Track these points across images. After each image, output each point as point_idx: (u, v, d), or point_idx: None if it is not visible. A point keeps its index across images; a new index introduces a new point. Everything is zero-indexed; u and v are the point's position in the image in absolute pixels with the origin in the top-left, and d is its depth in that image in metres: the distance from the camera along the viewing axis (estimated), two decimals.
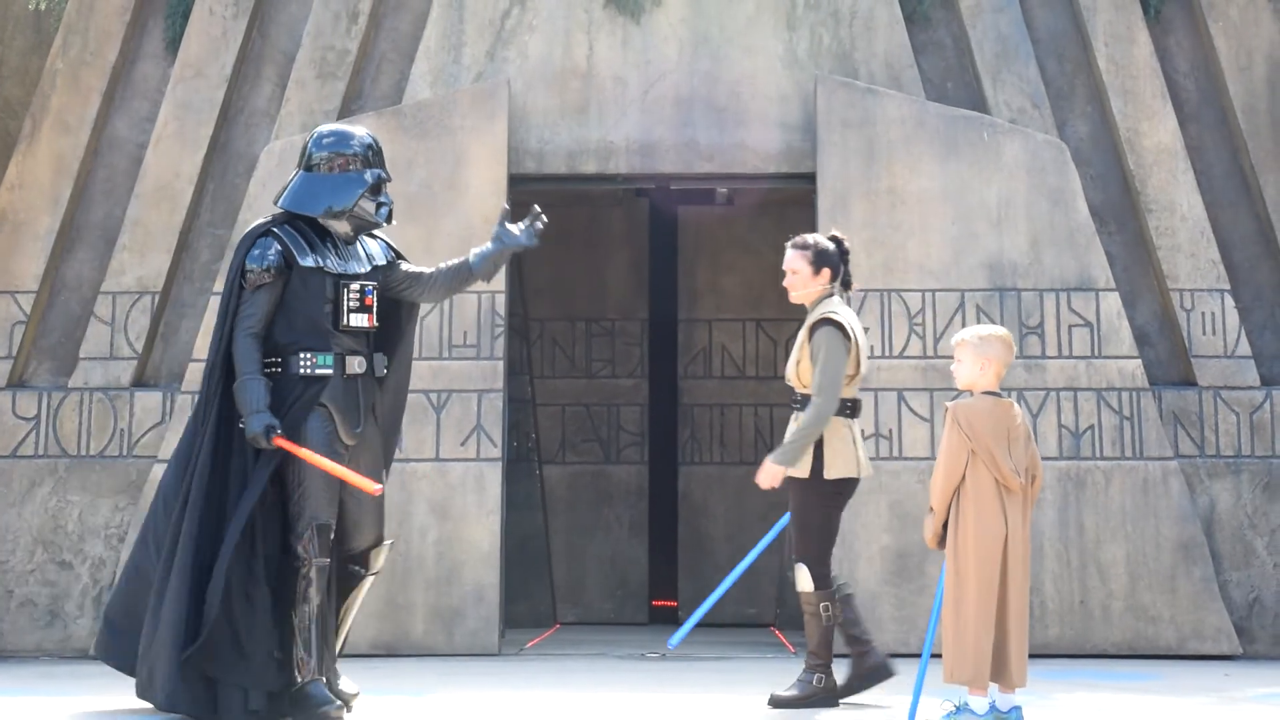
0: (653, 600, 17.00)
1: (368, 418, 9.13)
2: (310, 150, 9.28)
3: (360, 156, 9.23)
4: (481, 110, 13.71)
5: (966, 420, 8.59)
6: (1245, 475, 13.49)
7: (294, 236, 9.05)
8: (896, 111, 13.67)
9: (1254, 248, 14.26)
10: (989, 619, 8.45)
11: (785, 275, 10.14)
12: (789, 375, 9.99)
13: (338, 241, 9.21)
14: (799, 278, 10.06)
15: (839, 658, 10.06)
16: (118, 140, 14.53)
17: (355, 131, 9.38)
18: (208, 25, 14.40)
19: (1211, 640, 12.97)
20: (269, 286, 8.92)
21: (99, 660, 9.57)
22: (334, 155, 9.21)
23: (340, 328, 9.04)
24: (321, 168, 9.20)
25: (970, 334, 8.84)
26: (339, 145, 9.25)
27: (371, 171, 9.21)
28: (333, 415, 8.92)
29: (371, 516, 9.14)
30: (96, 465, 13.61)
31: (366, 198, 9.20)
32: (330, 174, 9.19)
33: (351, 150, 9.23)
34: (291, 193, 9.22)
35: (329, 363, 8.95)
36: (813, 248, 10.09)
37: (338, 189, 9.16)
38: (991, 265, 13.40)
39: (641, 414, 17.23)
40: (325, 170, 9.20)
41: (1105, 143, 14.33)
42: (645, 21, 14.10)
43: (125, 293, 13.93)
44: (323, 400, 8.91)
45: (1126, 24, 14.29)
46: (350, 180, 9.17)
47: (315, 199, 9.15)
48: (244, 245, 9.04)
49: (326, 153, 9.22)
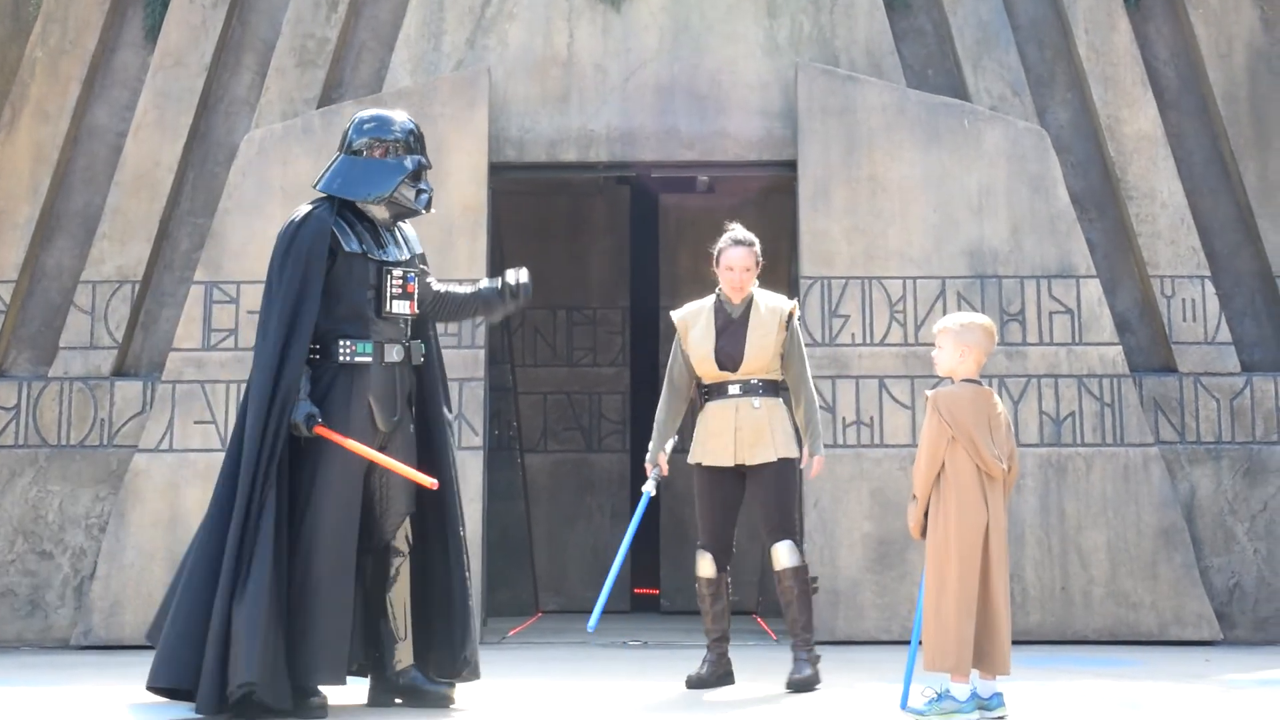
0: (635, 588, 17.00)
1: (404, 406, 9.09)
2: (351, 135, 9.20)
3: (402, 142, 9.15)
4: (462, 98, 13.69)
5: (947, 408, 8.60)
6: (1225, 461, 13.52)
7: (338, 221, 8.99)
8: (877, 99, 13.67)
9: (1234, 234, 14.28)
10: (970, 606, 8.45)
11: (735, 273, 10.19)
12: (760, 363, 10.09)
13: (378, 227, 9.16)
14: (750, 275, 10.24)
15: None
16: (97, 129, 14.50)
17: (396, 117, 9.29)
18: (187, 13, 14.37)
19: (1192, 626, 13.00)
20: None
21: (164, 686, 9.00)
22: (375, 140, 9.14)
23: (382, 315, 8.97)
24: (363, 153, 9.13)
25: (952, 321, 8.85)
26: (380, 130, 9.18)
27: (412, 158, 9.16)
28: (370, 404, 8.88)
29: (401, 500, 9.05)
30: (77, 455, 13.59)
31: (407, 184, 9.13)
32: (371, 159, 9.12)
33: (393, 136, 9.15)
34: (332, 176, 9.15)
35: (369, 350, 8.87)
36: (756, 244, 10.34)
37: (378, 174, 9.09)
38: (972, 252, 13.41)
39: (623, 402, 17.23)
40: (366, 155, 9.13)
41: (1086, 130, 14.35)
42: (625, 9, 14.08)
43: (105, 282, 13.90)
44: (361, 388, 8.86)
45: (1107, 11, 14.30)
46: (391, 166, 9.11)
47: (356, 184, 9.07)
48: (291, 230, 8.95)
49: (367, 138, 9.13)
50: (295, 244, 8.88)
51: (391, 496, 8.91)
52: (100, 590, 13.05)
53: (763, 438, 10.05)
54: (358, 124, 9.25)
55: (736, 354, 10.10)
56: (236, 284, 13.44)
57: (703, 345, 10.16)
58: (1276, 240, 14.05)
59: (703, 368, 10.16)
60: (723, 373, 10.12)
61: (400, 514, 8.94)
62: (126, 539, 13.09)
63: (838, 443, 13.09)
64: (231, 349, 13.36)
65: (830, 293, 13.31)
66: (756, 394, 10.06)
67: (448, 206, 13.34)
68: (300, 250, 8.85)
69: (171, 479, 13.15)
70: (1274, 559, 13.44)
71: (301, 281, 8.79)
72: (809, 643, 10.01)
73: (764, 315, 10.12)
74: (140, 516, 13.11)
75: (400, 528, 8.94)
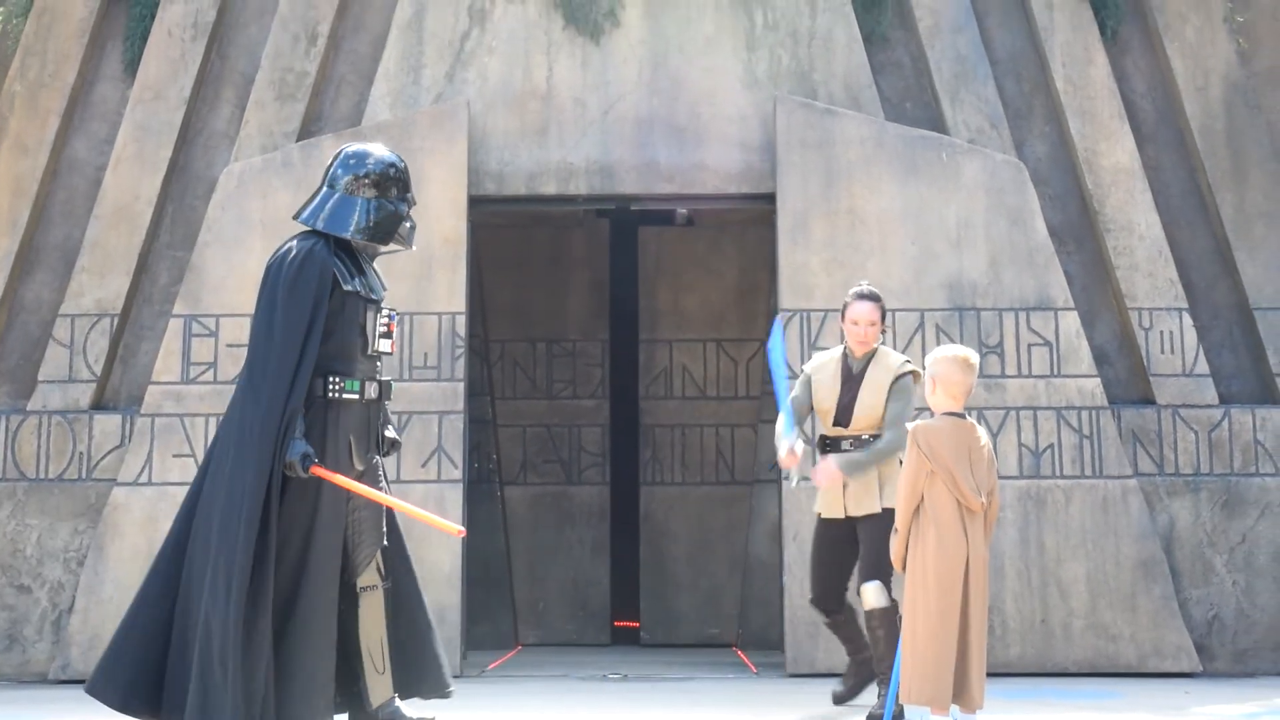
0: (615, 621, 16.98)
1: (375, 443, 9.05)
2: (336, 169, 9.08)
3: (384, 177, 9.07)
4: (441, 132, 13.71)
5: (925, 441, 8.63)
6: (1204, 493, 13.55)
7: (336, 258, 8.92)
8: (856, 131, 13.70)
9: (1211, 267, 14.33)
10: (949, 639, 8.47)
11: (860, 327, 10.59)
12: (870, 421, 10.43)
13: (361, 263, 9.07)
14: (875, 329, 10.66)
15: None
16: (76, 162, 14.50)
17: (380, 152, 9.20)
18: (166, 47, 14.38)
19: (1172, 658, 13.00)
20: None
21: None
22: (359, 176, 9.09)
23: (367, 353, 8.93)
24: (349, 188, 9.02)
25: (939, 354, 8.91)
26: (362, 165, 9.10)
27: (399, 198, 9.09)
28: (350, 441, 8.80)
29: (374, 533, 8.98)
30: (55, 488, 13.55)
31: (391, 220, 9.07)
32: (356, 195, 9.02)
33: (379, 172, 9.09)
34: (315, 211, 9.03)
35: (355, 388, 8.78)
36: (880, 299, 10.77)
37: (365, 210, 9.00)
38: (951, 285, 13.44)
39: (603, 434, 17.21)
40: (350, 191, 9.02)
41: (1063, 163, 14.40)
42: (604, 43, 14.12)
43: (84, 315, 13.88)
44: (344, 426, 8.78)
45: (1084, 45, 14.37)
46: (379, 203, 9.01)
47: (342, 219, 8.97)
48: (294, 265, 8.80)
49: (352, 174, 9.06)
50: (301, 280, 8.72)
51: (363, 530, 8.85)
52: (79, 624, 13.00)
53: (871, 490, 10.36)
54: (343, 159, 9.13)
55: (850, 411, 10.48)
56: (215, 317, 13.42)
57: (828, 399, 10.59)
58: (1254, 272, 14.10)
59: (824, 420, 10.60)
60: (837, 428, 10.52)
61: (373, 546, 8.87)
62: (105, 573, 13.05)
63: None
64: (210, 382, 13.34)
65: (809, 325, 13.32)
66: (840, 450, 10.45)
67: (427, 239, 13.33)
68: (307, 288, 8.70)
69: (150, 512, 13.11)
70: (1253, 591, 13.47)
71: (308, 320, 8.69)
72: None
73: (878, 375, 10.48)
74: (119, 550, 13.08)
75: (373, 560, 8.89)
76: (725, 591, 16.69)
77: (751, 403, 16.85)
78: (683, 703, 11.35)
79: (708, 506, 16.74)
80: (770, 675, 13.26)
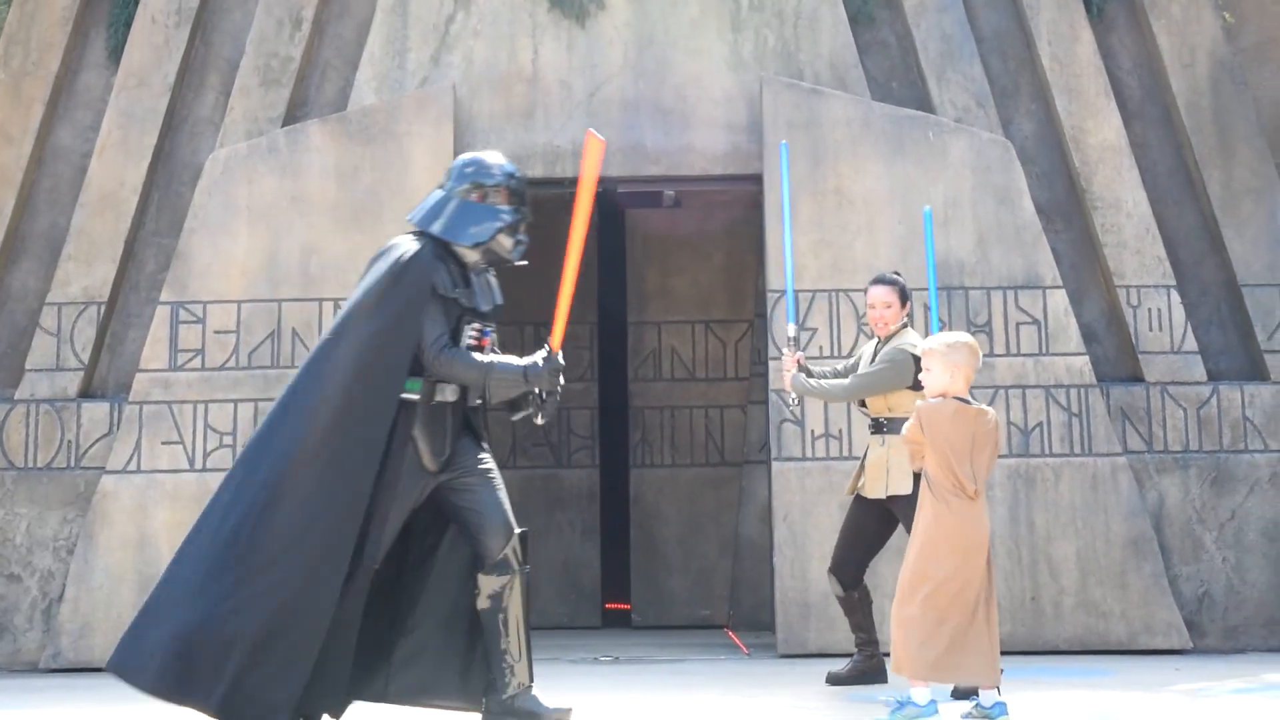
0: (605, 604, 16.97)
1: (459, 440, 8.85)
2: (455, 174, 8.98)
3: (503, 188, 8.96)
4: (426, 115, 13.68)
5: (928, 420, 8.70)
6: (1193, 470, 13.56)
7: (442, 263, 8.78)
8: (842, 112, 13.69)
9: (1199, 244, 14.34)
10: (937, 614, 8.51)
11: (876, 310, 10.92)
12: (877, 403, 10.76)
13: (467, 271, 8.94)
14: (892, 311, 10.89)
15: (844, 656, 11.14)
16: (61, 150, 14.46)
17: (498, 161, 9.09)
18: (150, 34, 14.33)
19: (1162, 635, 13.03)
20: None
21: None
22: (475, 184, 8.93)
23: None
24: (465, 195, 8.92)
25: (937, 342, 8.92)
26: (481, 174, 8.95)
27: (512, 210, 8.93)
28: (416, 440, 8.64)
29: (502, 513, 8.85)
30: (44, 477, 13.53)
31: (505, 233, 9.04)
32: (470, 202, 8.90)
33: (493, 181, 8.93)
34: (434, 214, 8.90)
35: (415, 387, 8.61)
36: (899, 282, 11.01)
37: (477, 219, 8.92)
38: (939, 264, 13.40)
39: (592, 417, 17.20)
40: (465, 197, 8.91)
41: (1050, 141, 14.40)
42: (589, 25, 14.10)
43: (71, 303, 13.85)
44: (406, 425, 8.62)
45: (1069, 22, 14.36)
46: (489, 212, 8.94)
47: (455, 226, 8.83)
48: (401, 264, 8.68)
49: (470, 182, 8.91)
50: (405, 279, 8.63)
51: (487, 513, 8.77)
52: (69, 613, 12.99)
53: (880, 474, 10.61)
54: (462, 164, 9.03)
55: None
56: (203, 304, 13.40)
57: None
58: (1241, 249, 14.11)
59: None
60: (863, 407, 10.91)
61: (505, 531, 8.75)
62: (95, 561, 13.04)
63: (807, 455, 13.10)
64: (198, 369, 13.32)
65: (799, 306, 13.32)
66: (883, 431, 10.64)
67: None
68: (406, 289, 8.62)
69: (139, 500, 13.10)
70: (1242, 567, 13.49)
71: (400, 317, 8.59)
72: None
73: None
74: (108, 538, 13.06)
75: (508, 545, 8.72)
76: (716, 573, 16.70)
77: (740, 384, 16.85)
78: (674, 684, 11.35)
79: (698, 488, 16.74)
80: (762, 656, 13.27)
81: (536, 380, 8.75)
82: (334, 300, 13.34)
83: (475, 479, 8.80)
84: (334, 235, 13.53)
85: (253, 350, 13.37)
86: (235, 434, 13.21)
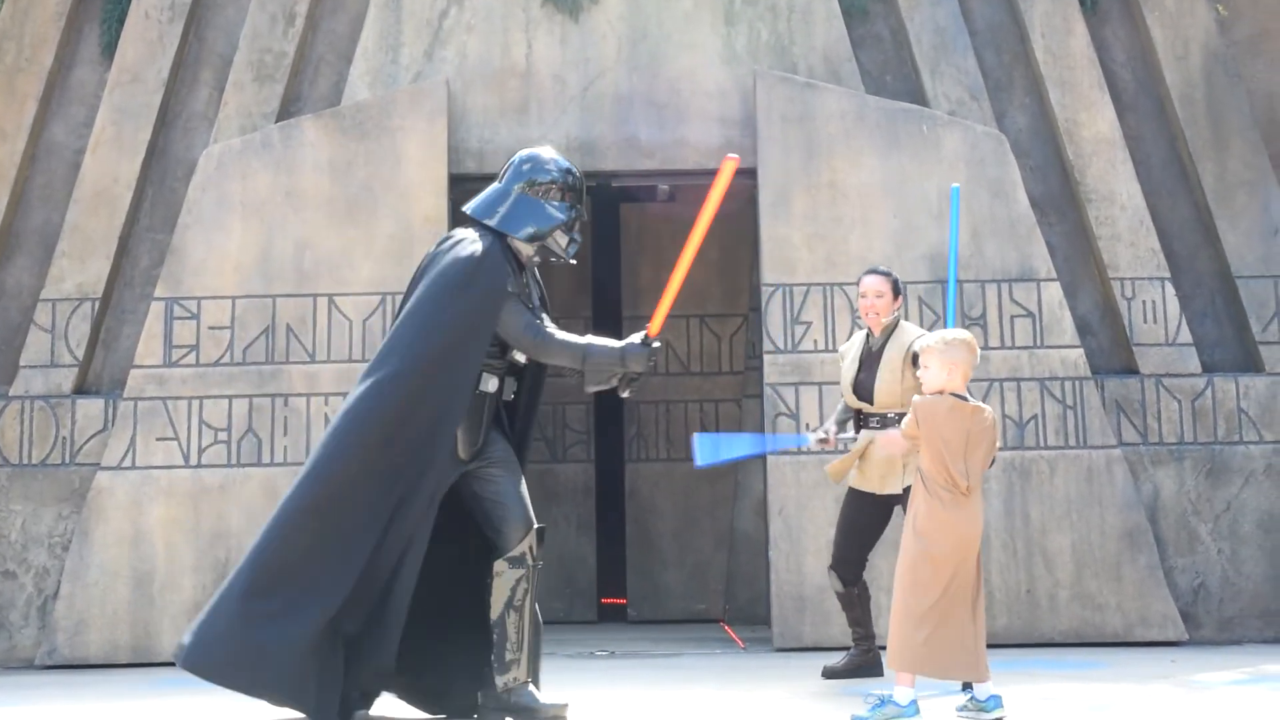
0: (602, 598, 16.97)
1: (490, 431, 8.92)
2: (514, 170, 9.03)
3: (559, 184, 8.99)
4: (420, 110, 13.68)
5: (925, 414, 8.71)
6: (1188, 462, 13.57)
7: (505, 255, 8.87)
8: (836, 105, 13.68)
9: (1193, 236, 14.35)
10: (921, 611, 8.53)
11: (868, 299, 10.86)
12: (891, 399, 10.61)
13: (522, 265, 8.97)
14: (884, 301, 10.81)
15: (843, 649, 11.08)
16: (55, 146, 14.45)
17: (555, 157, 9.14)
18: (144, 29, 14.32)
19: (1158, 627, 13.03)
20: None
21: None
22: (533, 180, 8.96)
23: (505, 357, 8.90)
24: (524, 190, 8.95)
25: (935, 340, 8.91)
26: (538, 171, 9.01)
27: (568, 207, 8.97)
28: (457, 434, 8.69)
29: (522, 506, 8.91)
30: (39, 474, 13.52)
31: (561, 230, 9.01)
32: (528, 197, 8.94)
33: (549, 177, 8.98)
34: (494, 207, 8.95)
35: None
36: (892, 275, 10.96)
37: (536, 213, 8.94)
38: (933, 257, 13.42)
39: (587, 412, 17.19)
40: (526, 193, 8.96)
41: (1044, 133, 14.40)
42: (583, 19, 14.09)
43: (65, 299, 13.84)
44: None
45: (1063, 15, 14.36)
46: (549, 208, 8.96)
47: (514, 219, 8.89)
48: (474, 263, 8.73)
49: (528, 179, 8.96)
50: (479, 279, 8.69)
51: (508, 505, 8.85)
52: (64, 609, 12.98)
53: (894, 469, 10.53)
54: (520, 160, 9.08)
55: (870, 388, 10.70)
56: (197, 300, 13.39)
57: (846, 375, 10.89)
58: (1235, 241, 14.12)
59: (847, 397, 10.85)
60: (862, 403, 10.75)
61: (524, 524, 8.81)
62: (90, 557, 13.03)
63: (801, 450, 13.10)
64: (193, 365, 13.31)
65: (792, 300, 13.32)
66: (892, 428, 10.44)
67: (408, 219, 13.34)
68: (484, 284, 8.70)
69: (134, 496, 13.09)
70: (1238, 559, 13.50)
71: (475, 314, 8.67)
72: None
73: (894, 354, 10.67)
74: (104, 535, 13.06)
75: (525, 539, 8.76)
76: (711, 567, 16.70)
77: (735, 377, 16.85)
78: (670, 679, 11.35)
79: (693, 482, 16.72)
80: (757, 650, 13.27)
81: (633, 362, 8.83)
82: (328, 295, 13.35)
83: (500, 469, 8.88)
84: (328, 230, 13.52)
85: (247, 346, 13.36)
86: (230, 430, 13.22)
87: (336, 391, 12.97)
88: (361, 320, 13.23)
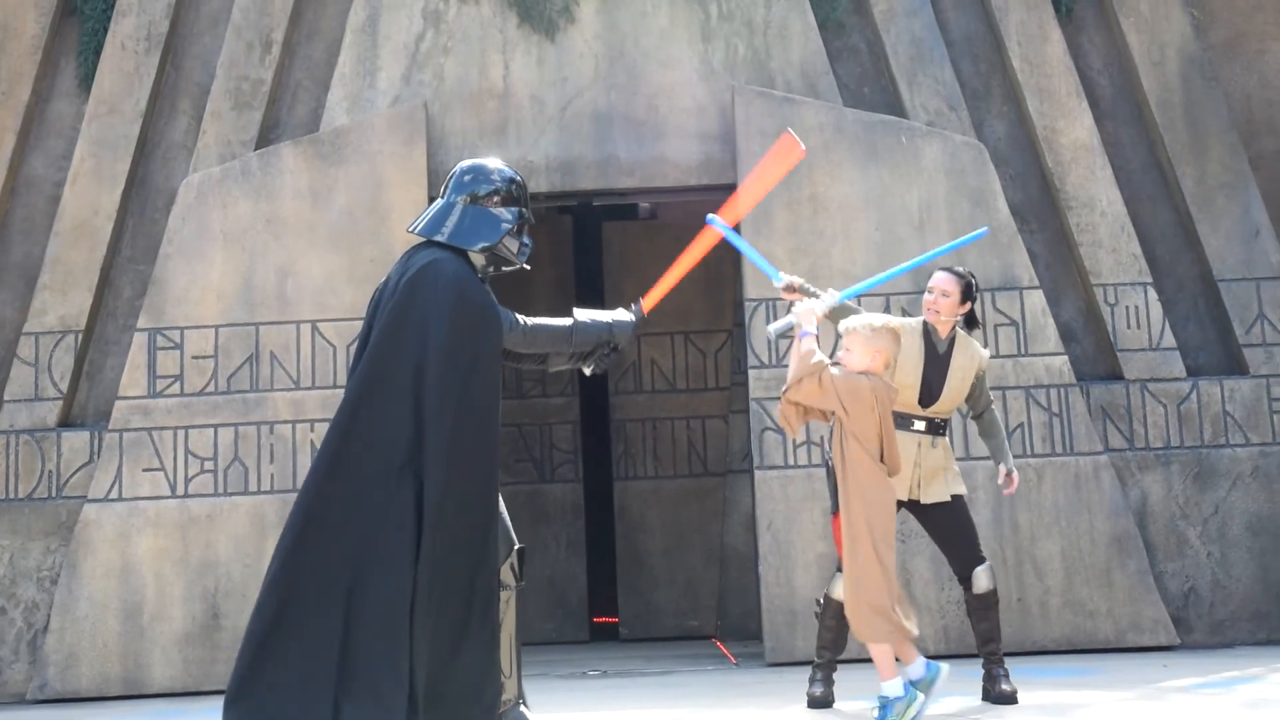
0: (593, 618, 16.97)
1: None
2: (457, 183, 8.89)
3: (505, 193, 8.92)
4: (399, 134, 13.68)
5: (845, 391, 8.86)
6: (1175, 466, 13.58)
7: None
8: (814, 119, 13.69)
9: (1174, 240, 14.37)
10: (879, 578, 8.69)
11: (934, 294, 10.36)
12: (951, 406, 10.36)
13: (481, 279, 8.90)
14: (948, 301, 10.33)
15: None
16: (34, 179, 14.43)
17: (496, 165, 9.02)
18: (120, 61, 14.32)
19: (1149, 632, 13.04)
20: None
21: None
22: (480, 192, 8.83)
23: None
24: (471, 201, 8.82)
25: (861, 324, 8.96)
26: (482, 180, 8.89)
27: (513, 210, 8.83)
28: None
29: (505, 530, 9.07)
30: (26, 508, 13.49)
31: (510, 236, 9.00)
32: (480, 208, 8.81)
33: (493, 186, 8.86)
34: (436, 223, 8.80)
35: None
36: (966, 278, 10.47)
37: (486, 224, 8.81)
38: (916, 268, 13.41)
39: (574, 432, 17.19)
40: (474, 204, 8.81)
41: (1023, 142, 14.42)
42: (560, 39, 14.09)
43: (48, 332, 13.82)
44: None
45: (1039, 23, 14.39)
46: (498, 215, 8.93)
47: (467, 234, 8.76)
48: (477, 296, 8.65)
49: (471, 191, 8.81)
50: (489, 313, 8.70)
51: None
52: (54, 643, 12.95)
53: (939, 476, 10.21)
54: (461, 171, 8.94)
55: (935, 392, 10.24)
56: (180, 329, 13.38)
57: (910, 373, 10.17)
58: (1217, 244, 14.14)
59: (902, 395, 9.99)
60: (917, 406, 10.21)
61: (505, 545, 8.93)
62: (79, 590, 13.00)
63: (789, 464, 13.10)
64: (178, 394, 13.29)
65: (775, 314, 13.29)
66: (938, 433, 10.25)
67: (389, 243, 13.32)
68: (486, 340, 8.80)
69: (122, 528, 13.07)
70: (1227, 562, 13.51)
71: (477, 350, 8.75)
72: (1001, 656, 10.20)
73: (964, 362, 10.29)
74: (92, 567, 13.03)
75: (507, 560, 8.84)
76: (702, 583, 16.69)
77: (721, 393, 16.84)
78: (664, 697, 11.34)
79: (681, 499, 16.73)
80: (750, 665, 13.26)
81: (620, 335, 9.08)
82: (311, 322, 13.33)
83: None
84: (310, 256, 13.51)
85: (231, 374, 13.34)
86: (216, 459, 13.20)
87: (321, 418, 12.95)
88: (345, 345, 13.21)
